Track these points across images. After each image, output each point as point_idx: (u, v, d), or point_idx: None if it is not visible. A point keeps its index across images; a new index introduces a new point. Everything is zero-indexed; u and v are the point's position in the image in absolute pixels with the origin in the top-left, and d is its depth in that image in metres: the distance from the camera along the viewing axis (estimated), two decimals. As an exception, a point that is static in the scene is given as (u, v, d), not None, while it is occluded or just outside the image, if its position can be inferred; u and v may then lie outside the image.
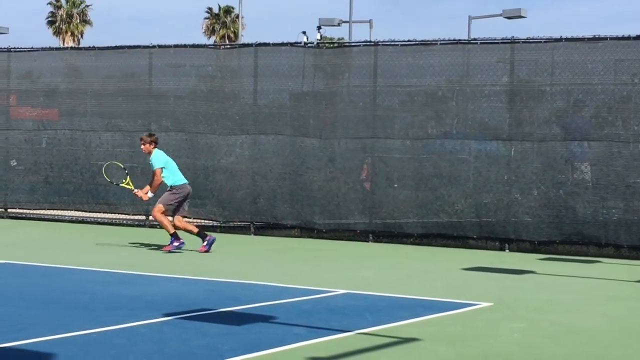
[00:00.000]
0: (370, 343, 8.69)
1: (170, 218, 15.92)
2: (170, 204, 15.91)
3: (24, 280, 12.36)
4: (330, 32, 58.30)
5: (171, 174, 15.98)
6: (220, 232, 19.55)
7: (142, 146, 16.14)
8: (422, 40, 18.03)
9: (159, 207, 15.88)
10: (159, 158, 16.00)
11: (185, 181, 16.13)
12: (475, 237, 17.55)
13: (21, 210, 21.93)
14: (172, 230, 15.80)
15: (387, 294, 11.81)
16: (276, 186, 19.08)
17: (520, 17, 34.10)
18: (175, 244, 15.81)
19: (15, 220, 21.56)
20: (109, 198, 20.79)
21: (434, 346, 8.75)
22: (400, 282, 13.23)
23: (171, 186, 15.98)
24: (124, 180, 16.62)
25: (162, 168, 15.88)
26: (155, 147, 16.10)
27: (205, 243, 15.90)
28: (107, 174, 17.07)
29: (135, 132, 20.33)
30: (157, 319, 9.56)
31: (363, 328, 9.34)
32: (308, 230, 18.87)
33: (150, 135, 16.38)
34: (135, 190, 16.27)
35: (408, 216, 18.03)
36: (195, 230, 16.12)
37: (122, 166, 17.15)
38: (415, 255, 16.66)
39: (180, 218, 16.05)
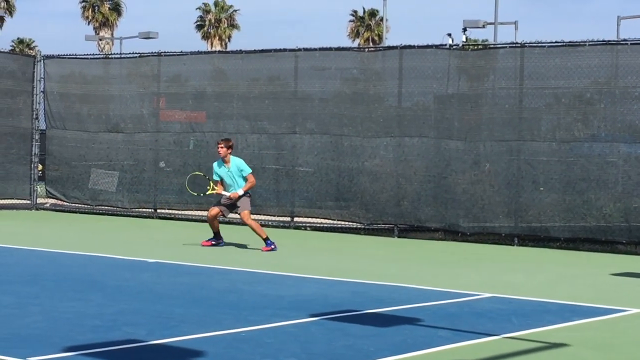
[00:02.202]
0: (517, 347, 8.59)
1: (215, 212, 16.39)
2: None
3: (174, 279, 12.64)
4: (475, 34, 57.89)
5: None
6: (364, 234, 19.64)
7: (222, 149, 16.29)
8: (570, 42, 17.74)
9: (246, 213, 16.33)
10: (244, 163, 16.48)
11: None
12: (624, 242, 17.17)
13: (170, 211, 22.43)
14: (264, 235, 16.24)
15: (533, 298, 11.66)
16: (420, 189, 19.03)
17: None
18: (272, 246, 16.22)
19: (164, 221, 22.07)
20: (254, 199, 21.02)
21: (583, 352, 8.60)
22: (547, 286, 13.04)
23: (246, 192, 16.37)
24: (208, 188, 16.81)
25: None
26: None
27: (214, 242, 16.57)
28: (191, 189, 17.33)
29: (281, 135, 20.59)
30: (303, 319, 9.65)
31: (509, 332, 9.24)
32: (452, 233, 18.76)
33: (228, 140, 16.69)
34: (224, 193, 16.40)
35: (554, 220, 17.76)
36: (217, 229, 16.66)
37: (202, 174, 17.40)
38: (562, 259, 16.39)
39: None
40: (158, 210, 22.54)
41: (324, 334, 8.95)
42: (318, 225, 20.49)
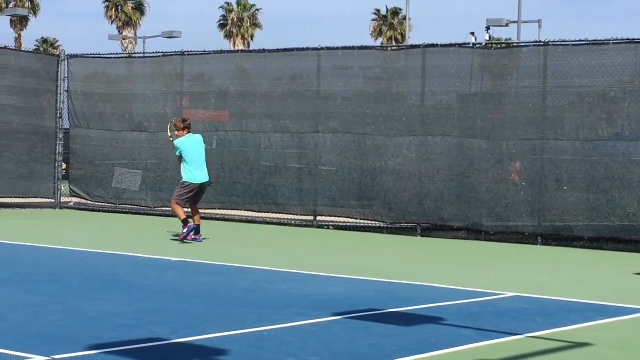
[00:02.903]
0: (541, 347, 8.56)
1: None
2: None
3: (197, 277, 12.66)
4: (499, 33, 57.72)
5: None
6: (387, 233, 19.62)
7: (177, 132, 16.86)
8: (594, 40, 17.66)
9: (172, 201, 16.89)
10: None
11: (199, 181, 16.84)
12: (648, 241, 17.08)
13: (193, 210, 22.43)
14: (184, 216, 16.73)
15: (557, 297, 11.62)
16: (443, 188, 19.00)
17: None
18: (185, 231, 16.65)
19: (187, 220, 22.08)
20: (277, 199, 21.12)
21: (608, 352, 8.56)
22: (571, 286, 12.99)
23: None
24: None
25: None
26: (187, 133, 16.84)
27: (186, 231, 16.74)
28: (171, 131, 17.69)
29: (303, 134, 20.61)
30: (326, 318, 9.65)
31: (533, 331, 9.21)
32: (475, 233, 18.72)
33: (184, 121, 17.10)
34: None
35: (578, 219, 17.69)
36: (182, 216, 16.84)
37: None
38: (586, 258, 16.33)
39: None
40: (181, 209, 22.56)
41: (346, 333, 8.94)
42: (341, 224, 20.49)
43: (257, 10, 75.32)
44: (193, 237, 16.70)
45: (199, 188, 16.89)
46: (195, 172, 16.76)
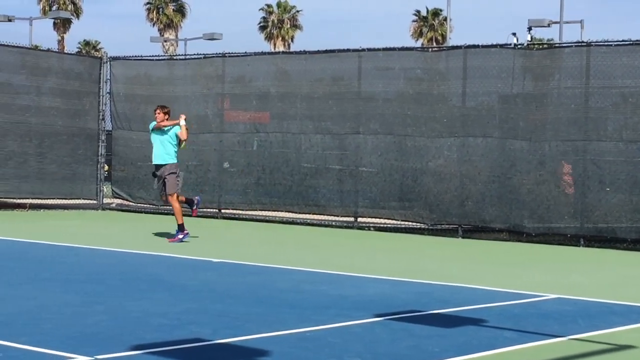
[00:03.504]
0: (583, 349, 8.50)
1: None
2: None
3: (238, 278, 12.70)
4: (541, 33, 57.41)
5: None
6: (428, 234, 19.58)
7: (157, 115, 16.76)
8: (637, 40, 17.55)
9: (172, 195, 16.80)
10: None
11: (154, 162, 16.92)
12: (692, 243, 16.93)
13: (234, 211, 22.56)
14: (181, 221, 16.64)
15: (600, 299, 11.54)
16: (484, 189, 18.93)
17: None
18: (180, 236, 16.60)
19: (228, 221, 22.21)
20: (318, 200, 21.13)
21: (651, 354, 8.49)
22: (613, 288, 12.89)
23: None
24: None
25: None
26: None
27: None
28: None
29: (344, 135, 20.62)
30: (367, 319, 9.64)
31: (576, 333, 9.15)
32: (517, 234, 18.63)
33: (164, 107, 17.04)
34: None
35: (621, 221, 17.55)
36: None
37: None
38: (628, 260, 16.20)
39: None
40: (222, 210, 22.68)
41: (388, 334, 8.93)
42: (382, 225, 20.48)
43: (297, 11, 75.48)
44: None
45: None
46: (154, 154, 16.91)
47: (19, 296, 10.61)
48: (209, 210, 22.90)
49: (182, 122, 16.72)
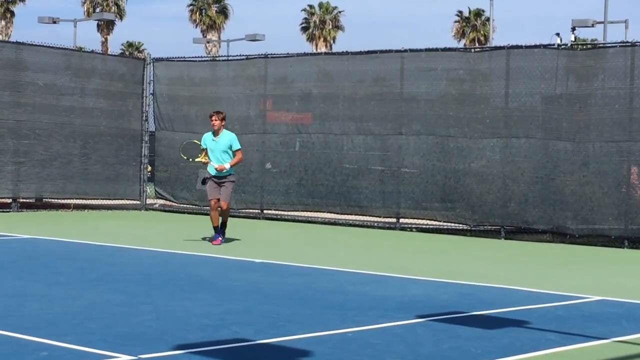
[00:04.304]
0: (628, 351, 8.45)
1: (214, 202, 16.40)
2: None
3: (280, 279, 12.73)
4: (584, 34, 57.03)
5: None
6: (471, 235, 19.53)
7: (216, 122, 16.35)
8: (683, 40, 17.40)
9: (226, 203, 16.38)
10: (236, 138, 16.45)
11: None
12: None
13: (276, 212, 22.61)
14: (217, 224, 16.41)
15: (645, 301, 11.46)
16: (527, 190, 18.85)
17: None
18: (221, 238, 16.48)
19: (270, 221, 22.27)
20: (360, 201, 21.14)
21: (696, 357, 8.41)
22: (658, 290, 12.78)
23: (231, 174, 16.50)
24: (199, 155, 16.69)
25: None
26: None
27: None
28: (184, 153, 17.39)
29: (386, 136, 20.61)
30: (409, 320, 9.64)
31: (620, 336, 9.09)
32: (560, 235, 18.54)
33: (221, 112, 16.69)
34: (211, 163, 16.36)
35: (666, 222, 17.41)
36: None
37: (198, 142, 17.04)
38: (674, 262, 16.06)
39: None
40: (265, 211, 22.74)
41: (430, 335, 8.93)
42: (424, 226, 20.45)
43: (339, 12, 75.45)
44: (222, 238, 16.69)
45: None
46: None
47: (66, 296, 10.71)
48: (251, 211, 22.98)
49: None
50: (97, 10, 67.69)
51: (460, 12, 75.05)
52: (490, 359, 7.96)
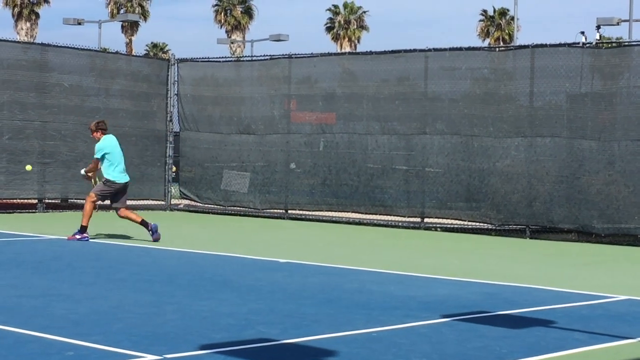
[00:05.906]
0: (654, 351, 8.42)
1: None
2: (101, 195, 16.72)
3: (305, 279, 12.74)
4: (609, 32, 56.80)
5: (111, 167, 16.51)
6: (495, 235, 19.48)
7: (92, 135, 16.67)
8: None
9: (91, 195, 16.60)
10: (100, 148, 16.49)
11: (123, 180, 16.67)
12: None
13: (300, 212, 22.63)
14: (86, 223, 16.46)
15: (671, 301, 11.40)
16: (553, 189, 18.78)
17: None
18: (78, 236, 16.42)
19: (295, 221, 22.29)
20: (385, 200, 21.13)
21: None
22: (685, 290, 12.71)
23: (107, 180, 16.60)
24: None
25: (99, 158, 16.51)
26: (103, 135, 16.56)
27: (151, 232, 16.48)
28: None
29: (410, 135, 20.59)
30: (434, 320, 9.62)
31: (646, 335, 9.06)
32: (586, 235, 18.46)
33: (97, 123, 16.76)
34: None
35: (693, 221, 17.30)
36: (138, 219, 16.62)
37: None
38: (701, 262, 15.96)
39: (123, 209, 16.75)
40: (289, 211, 22.77)
41: (455, 335, 8.91)
42: (448, 226, 20.41)
43: (364, 12, 75.45)
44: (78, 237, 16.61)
45: (122, 187, 16.89)
46: (120, 171, 16.75)
47: (92, 296, 10.76)
48: (276, 211, 23.02)
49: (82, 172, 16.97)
50: (122, 11, 67.98)
51: (485, 11, 74.93)
52: (515, 359, 7.94)
